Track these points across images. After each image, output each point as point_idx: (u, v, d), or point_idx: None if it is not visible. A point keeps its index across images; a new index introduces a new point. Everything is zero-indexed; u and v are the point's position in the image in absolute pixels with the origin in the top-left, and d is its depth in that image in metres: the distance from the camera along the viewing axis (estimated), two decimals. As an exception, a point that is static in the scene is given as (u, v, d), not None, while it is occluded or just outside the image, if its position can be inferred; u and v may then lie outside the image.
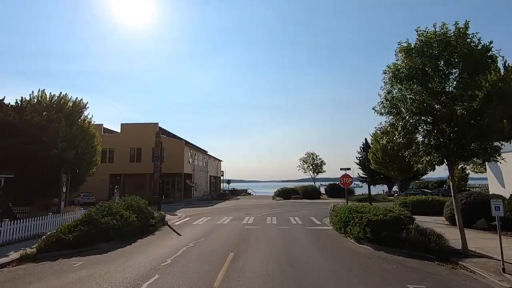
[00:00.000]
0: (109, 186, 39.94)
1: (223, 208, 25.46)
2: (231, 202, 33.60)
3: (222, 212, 22.23)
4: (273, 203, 32.02)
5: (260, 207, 26.00)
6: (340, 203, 24.78)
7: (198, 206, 28.59)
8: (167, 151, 39.51)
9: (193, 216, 19.56)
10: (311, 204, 29.48)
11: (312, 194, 36.10)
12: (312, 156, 42.32)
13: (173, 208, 26.74)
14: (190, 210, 24.32)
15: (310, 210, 23.01)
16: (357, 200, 30.27)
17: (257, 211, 22.09)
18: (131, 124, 40.54)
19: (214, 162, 60.94)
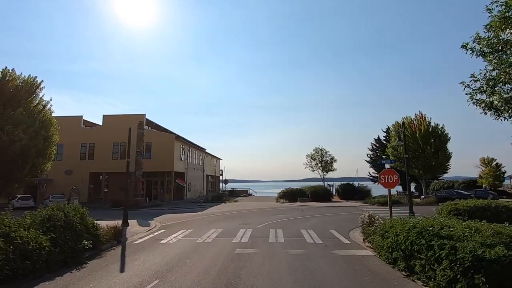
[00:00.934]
0: (90, 187, 35.05)
1: (215, 214, 20.40)
2: (227, 205, 28.53)
3: (211, 220, 17.17)
4: (277, 206, 26.92)
5: (261, 213, 20.91)
6: (367, 209, 19.61)
7: (186, 210, 23.57)
8: (155, 147, 34.57)
9: (170, 227, 14.52)
10: (324, 208, 24.32)
11: (322, 195, 30.93)
12: (321, 152, 37.13)
13: (155, 213, 21.73)
14: (173, 216, 19.31)
15: (325, 217, 17.89)
16: (379, 203, 25.07)
17: (257, 220, 17.00)
18: (114, 116, 35.61)
19: (212, 160, 55.95)
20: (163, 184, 34.73)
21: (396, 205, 24.61)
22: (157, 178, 35.17)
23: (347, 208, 23.63)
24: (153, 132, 35.72)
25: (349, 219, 16.73)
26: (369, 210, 21.47)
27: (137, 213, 22.40)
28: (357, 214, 20.07)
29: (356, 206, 25.49)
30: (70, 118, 35.73)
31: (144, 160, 33.90)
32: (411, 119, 31.71)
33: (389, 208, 12.26)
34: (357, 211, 21.62)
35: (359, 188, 33.42)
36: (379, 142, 52.73)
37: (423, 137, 29.45)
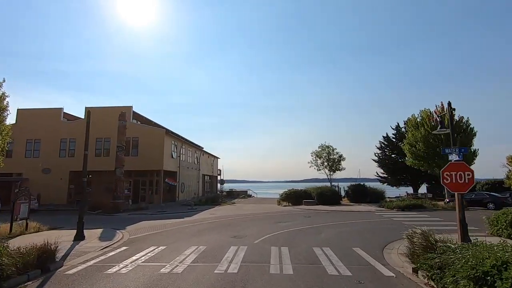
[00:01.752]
0: (70, 187, 31.47)
1: (205, 221, 16.76)
2: (222, 209, 24.90)
3: (196, 230, 13.53)
4: (279, 210, 23.27)
5: (260, 220, 17.27)
6: (387, 215, 16.21)
7: (173, 215, 19.96)
8: (143, 142, 30.95)
9: (138, 242, 10.88)
10: (335, 214, 20.65)
11: (330, 198, 27.23)
12: (328, 150, 33.39)
13: (134, 219, 18.14)
14: (152, 224, 15.69)
15: (341, 226, 14.22)
16: (398, 208, 21.39)
17: (254, 230, 13.36)
18: (98, 108, 31.99)
19: (209, 159, 52.34)
20: (152, 184, 31.12)
21: (419, 210, 20.99)
22: (145, 177, 31.58)
23: (362, 214, 19.98)
24: (141, 126, 32.13)
25: (372, 230, 13.07)
26: (391, 217, 17.82)
27: (111, 219, 18.81)
28: (379, 222, 16.20)
29: (372, 210, 21.83)
30: (49, 111, 32.21)
31: (130, 158, 30.37)
32: (430, 112, 27.98)
33: (458, 224, 8.42)
34: (377, 217, 17.96)
35: (372, 189, 29.73)
36: (388, 140, 48.88)
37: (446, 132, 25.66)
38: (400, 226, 14.44)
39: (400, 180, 46.36)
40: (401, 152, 46.25)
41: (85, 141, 12.53)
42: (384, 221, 16.31)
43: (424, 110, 28.40)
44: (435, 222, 15.41)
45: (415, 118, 29.12)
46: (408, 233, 7.99)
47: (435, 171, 27.53)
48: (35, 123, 31.39)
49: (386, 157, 47.59)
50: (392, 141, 47.39)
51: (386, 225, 14.78)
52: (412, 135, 27.90)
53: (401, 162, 45.52)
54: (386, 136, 48.46)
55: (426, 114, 27.84)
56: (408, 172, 44.65)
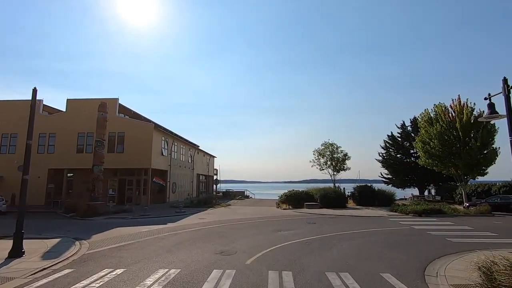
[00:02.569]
0: (49, 186, 28.67)
1: (189, 229, 14.04)
2: (214, 212, 22.21)
3: (175, 242, 10.82)
4: (278, 214, 20.60)
5: (255, 228, 14.58)
6: (403, 221, 13.82)
7: (155, 220, 17.27)
8: (129, 138, 28.17)
9: (91, 261, 8.18)
10: (343, 219, 17.98)
11: (335, 201, 24.58)
12: (331, 148, 30.72)
13: (107, 225, 15.44)
14: (125, 232, 12.98)
15: (356, 237, 11.51)
16: (415, 213, 18.75)
17: (248, 243, 10.66)
18: (80, 100, 29.26)
19: (204, 157, 49.63)
20: (139, 184, 28.38)
21: (439, 216, 18.36)
22: (131, 176, 28.85)
23: (375, 220, 17.31)
24: (127, 120, 29.37)
25: (397, 243, 10.38)
26: (410, 224, 15.14)
27: (82, 224, 16.09)
28: (400, 232, 12.95)
29: (384, 215, 19.18)
30: (26, 103, 29.32)
31: (115, 155, 27.69)
32: (445, 106, 25.38)
33: None
34: (393, 224, 15.30)
35: (380, 191, 27.10)
36: (393, 139, 46.29)
37: (465, 128, 23.10)
38: (427, 237, 11.79)
39: (406, 182, 43.76)
40: (406, 152, 43.88)
41: (28, 128, 9.74)
42: (404, 229, 13.65)
43: (438, 105, 25.80)
44: (468, 232, 12.76)
45: (428, 113, 26.50)
46: (481, 262, 5.29)
47: (450, 172, 24.97)
48: (10, 116, 28.65)
49: (390, 157, 45.03)
50: (397, 140, 44.87)
51: (409, 235, 12.12)
52: (426, 132, 25.29)
53: (407, 162, 43.01)
54: (391, 135, 45.82)
55: (441, 109, 25.23)
56: (414, 173, 42.16)
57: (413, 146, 43.19)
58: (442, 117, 24.47)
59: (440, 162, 24.46)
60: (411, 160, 43.01)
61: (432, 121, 25.27)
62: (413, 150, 42.97)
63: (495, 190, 30.02)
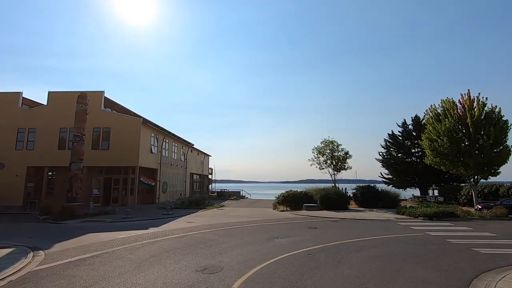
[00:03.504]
0: (28, 185, 26.59)
1: (169, 236, 12.17)
2: (204, 215, 20.36)
3: (147, 256, 8.94)
4: (275, 217, 18.80)
5: (249, 234, 12.74)
6: (414, 226, 12.18)
7: (135, 225, 15.38)
8: (115, 133, 26.14)
9: (31, 281, 6.28)
10: (348, 223, 16.21)
11: (337, 202, 22.83)
12: (332, 146, 28.96)
13: (79, 229, 13.58)
14: (97, 239, 11.10)
15: (370, 249, 9.70)
16: (425, 216, 17.06)
17: (237, 255, 8.82)
18: (63, 93, 27.19)
19: (198, 156, 47.69)
20: (126, 183, 26.42)
21: (452, 220, 16.68)
22: (118, 175, 26.89)
23: (383, 225, 15.56)
24: (113, 114, 27.36)
25: (417, 255, 8.59)
26: (424, 230, 13.41)
27: (52, 229, 14.16)
28: (416, 240, 11.00)
29: (391, 219, 17.45)
30: (4, 96, 27.25)
31: (100, 152, 25.76)
32: (453, 102, 23.70)
33: None
34: (405, 230, 13.55)
35: (384, 192, 25.42)
36: (394, 138, 44.69)
37: (476, 124, 21.45)
38: (449, 246, 10.04)
39: (407, 182, 42.16)
40: (408, 151, 42.29)
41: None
42: (419, 237, 11.91)
43: (446, 100, 24.12)
44: (494, 241, 11.05)
45: (435, 109, 24.82)
46: None
47: (459, 171, 23.33)
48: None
49: (391, 156, 43.48)
50: (398, 139, 43.30)
51: (428, 244, 10.37)
52: (433, 129, 23.61)
53: (408, 162, 41.52)
54: (392, 134, 44.21)
55: (449, 104, 23.55)
56: (415, 173, 40.68)
57: (415, 145, 41.81)
58: (451, 112, 22.82)
59: (449, 161, 22.80)
60: (412, 160, 41.54)
61: (440, 117, 23.60)
62: (415, 149, 41.53)
63: (503, 191, 28.44)
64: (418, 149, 41.08)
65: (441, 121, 23.25)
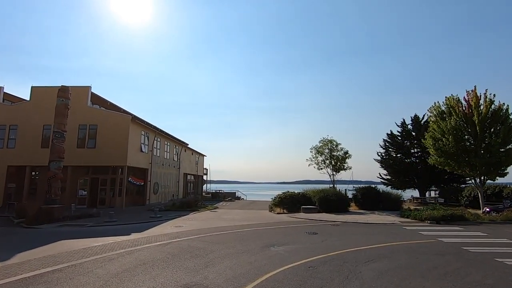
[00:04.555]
0: (8, 186, 25.03)
1: (151, 244, 10.81)
2: (195, 218, 19.01)
3: (119, 271, 7.57)
4: (271, 221, 17.51)
5: (241, 241, 11.42)
6: (424, 232, 10.95)
7: (116, 229, 14.02)
8: (102, 131, 24.65)
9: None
10: (353, 229, 14.96)
11: (337, 204, 21.62)
12: (330, 145, 27.77)
13: (58, 234, 12.28)
14: (68, 247, 9.72)
15: (382, 260, 8.40)
16: (433, 219, 15.88)
17: (227, 269, 7.50)
18: (47, 88, 25.67)
19: (192, 156, 46.28)
20: (114, 184, 24.96)
21: (461, 223, 15.51)
22: (105, 175, 25.41)
23: (388, 228, 14.34)
24: (100, 111, 25.90)
25: (438, 269, 7.32)
26: (436, 236, 12.18)
27: (22, 234, 12.72)
28: (429, 248, 9.77)
29: (396, 222, 16.25)
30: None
31: (86, 150, 24.33)
32: (458, 99, 22.62)
33: None
34: (413, 235, 12.32)
35: (385, 194, 24.26)
36: (393, 138, 43.65)
37: (483, 122, 20.38)
38: (469, 256, 8.80)
39: (406, 183, 41.11)
40: (407, 152, 41.27)
41: None
42: (432, 244, 10.67)
43: (450, 97, 23.03)
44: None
45: (438, 107, 23.74)
46: None
47: (465, 172, 22.25)
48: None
49: (390, 157, 42.47)
50: (397, 139, 42.28)
51: (444, 254, 9.13)
52: (438, 127, 22.50)
53: (407, 163, 40.57)
54: (391, 134, 43.18)
55: (453, 101, 22.45)
56: (415, 173, 39.71)
57: (414, 146, 40.83)
58: (456, 110, 21.73)
59: (454, 161, 21.70)
60: (412, 160, 40.60)
61: (444, 115, 22.51)
62: (414, 150, 40.60)
63: (507, 193, 27.43)
64: (417, 149, 40.16)
65: (446, 119, 22.17)
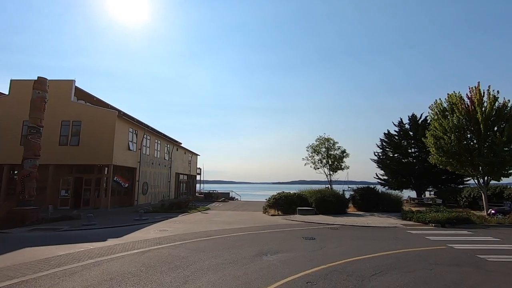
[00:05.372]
0: (-16, 186, 23.43)
1: (128, 252, 9.50)
2: (183, 220, 17.73)
3: (87, 283, 6.33)
4: (265, 224, 16.31)
5: (230, 249, 10.16)
6: (430, 236, 9.68)
7: (91, 235, 12.71)
8: (87, 128, 23.16)
9: None
10: (354, 233, 13.80)
11: (335, 205, 20.49)
12: (327, 144, 26.64)
13: (25, 239, 10.92)
14: (35, 254, 8.39)
15: (391, 273, 7.22)
16: (437, 222, 14.83)
17: (208, 285, 6.30)
18: (27, 82, 24.03)
19: (185, 155, 44.88)
20: (99, 184, 23.53)
21: (468, 227, 14.48)
22: (90, 174, 23.95)
23: (391, 233, 13.21)
24: (84, 106, 24.40)
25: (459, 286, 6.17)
26: (445, 241, 11.03)
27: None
28: (442, 256, 8.65)
29: (399, 226, 15.15)
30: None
31: (69, 148, 22.90)
32: (461, 96, 21.65)
33: None
34: (422, 241, 11.15)
35: (385, 195, 23.23)
36: (390, 137, 42.83)
37: (487, 120, 19.42)
38: (489, 267, 7.68)
39: (403, 183, 40.26)
40: (404, 152, 40.43)
41: None
42: (443, 252, 9.56)
43: (452, 94, 22.06)
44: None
45: (440, 104, 22.76)
46: None
47: (467, 172, 21.30)
48: None
49: (387, 157, 41.64)
50: (394, 139, 41.44)
51: (462, 265, 8.00)
52: (440, 125, 21.51)
53: (405, 163, 39.79)
54: (388, 133, 42.32)
55: (456, 98, 21.48)
56: (412, 174, 38.93)
57: (412, 145, 40.04)
58: (459, 107, 20.76)
59: (456, 161, 20.72)
60: (409, 160, 39.83)
61: (446, 113, 21.54)
62: (411, 150, 39.86)
63: (508, 194, 26.61)
64: (415, 149, 39.41)
65: (447, 117, 21.20)
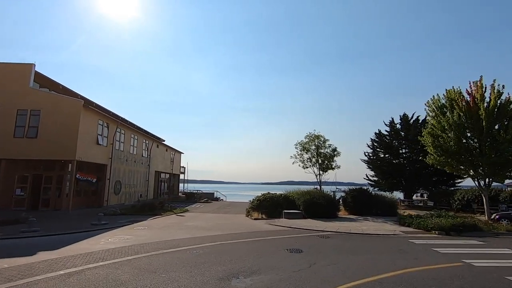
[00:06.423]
0: None
1: (55, 273, 7.10)
2: (151, 225, 15.32)
3: None
4: (246, 230, 14.11)
5: (193, 267, 7.86)
6: (438, 248, 7.41)
7: (26, 246, 10.22)
8: (47, 118, 20.39)
9: None
10: (348, 243, 11.72)
11: (324, 209, 18.45)
12: (317, 141, 24.66)
13: None
14: None
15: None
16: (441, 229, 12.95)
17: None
18: (-21, 64, 21.14)
19: (167, 153, 42.23)
20: (61, 182, 20.81)
21: (476, 235, 12.65)
22: (51, 171, 21.19)
23: (391, 242, 11.22)
24: (44, 94, 21.53)
25: None
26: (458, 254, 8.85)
27: None
28: (463, 279, 7.32)
29: (398, 233, 13.23)
30: None
31: (25, 140, 20.18)
32: (460, 92, 20.06)
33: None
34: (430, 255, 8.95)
35: (379, 197, 21.43)
36: (380, 137, 41.47)
37: (490, 117, 17.84)
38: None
39: (393, 185, 38.91)
40: (395, 152, 39.10)
41: None
42: (463, 271, 7.57)
43: (451, 90, 20.45)
44: None
45: (437, 100, 21.13)
46: None
47: (468, 173, 19.73)
48: None
49: (378, 157, 40.30)
50: (385, 139, 40.09)
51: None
52: (438, 123, 19.85)
53: (396, 164, 38.50)
54: (379, 133, 40.91)
55: (455, 94, 19.86)
56: (403, 175, 37.68)
57: (403, 146, 38.78)
58: (459, 103, 19.15)
59: (456, 161, 19.10)
60: (400, 161, 38.60)
61: (445, 110, 19.91)
62: (403, 150, 38.69)
63: (504, 197, 25.26)
64: (406, 150, 38.23)
65: (448, 113, 19.58)
